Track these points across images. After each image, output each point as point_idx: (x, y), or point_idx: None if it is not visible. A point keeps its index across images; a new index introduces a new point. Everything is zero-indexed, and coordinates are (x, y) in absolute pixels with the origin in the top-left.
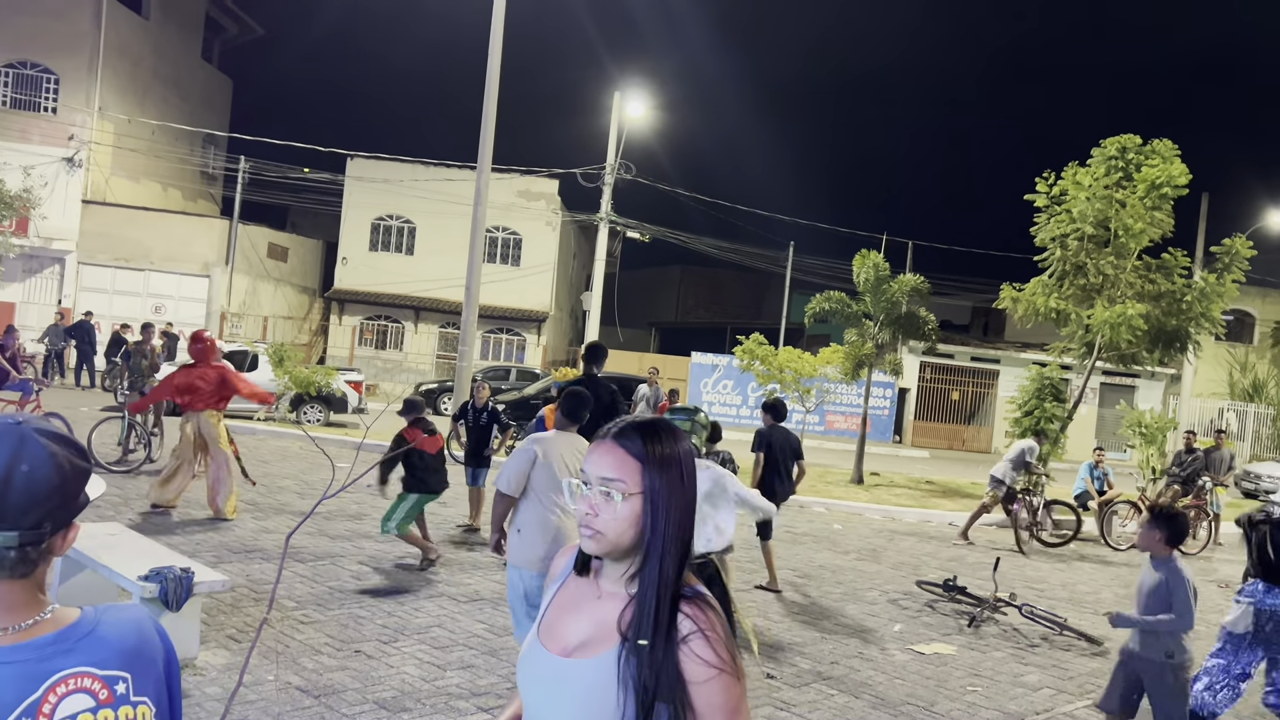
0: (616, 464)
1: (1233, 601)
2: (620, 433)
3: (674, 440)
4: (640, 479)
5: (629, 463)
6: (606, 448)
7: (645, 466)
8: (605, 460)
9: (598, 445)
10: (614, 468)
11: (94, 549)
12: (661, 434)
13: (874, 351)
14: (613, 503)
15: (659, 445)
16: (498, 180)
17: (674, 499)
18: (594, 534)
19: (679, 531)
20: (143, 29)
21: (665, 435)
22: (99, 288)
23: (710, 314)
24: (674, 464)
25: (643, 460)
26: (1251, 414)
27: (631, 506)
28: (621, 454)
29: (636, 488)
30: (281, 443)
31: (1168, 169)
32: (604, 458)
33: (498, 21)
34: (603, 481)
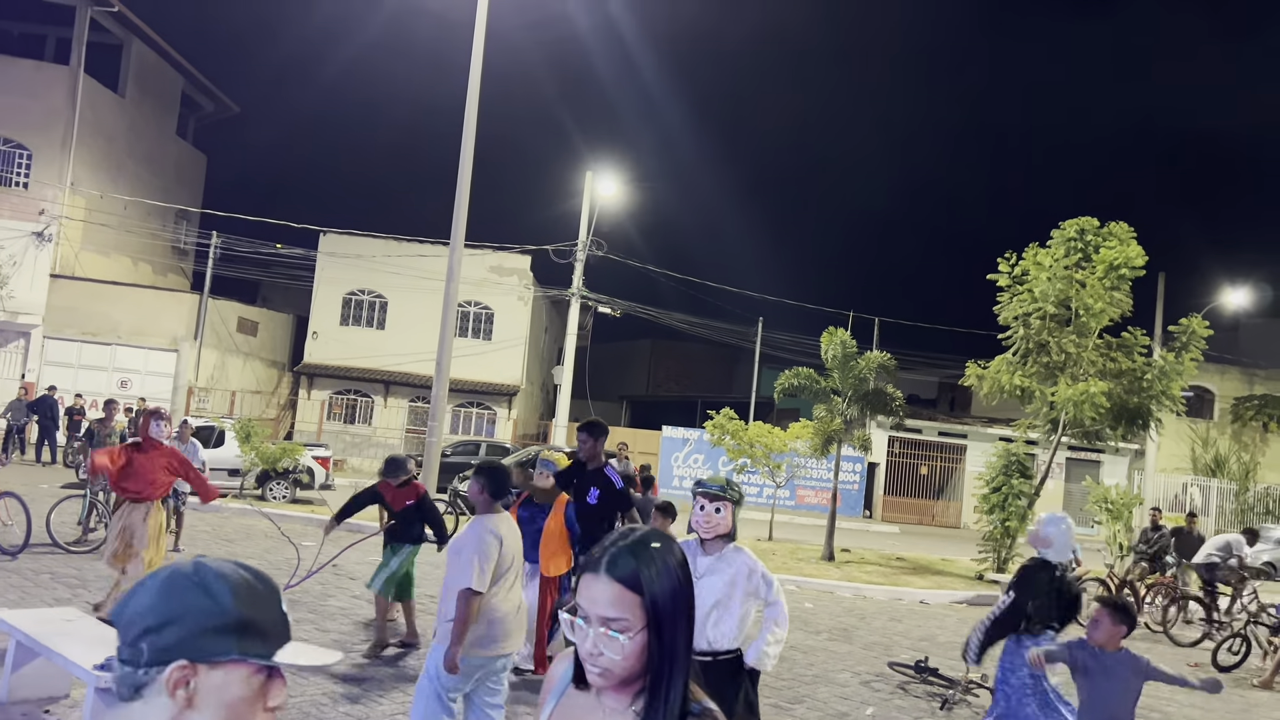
0: (615, 601)
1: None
2: (613, 563)
3: (668, 554)
4: (643, 613)
5: (628, 598)
6: (603, 585)
7: (646, 599)
8: (603, 598)
9: (591, 580)
10: (614, 606)
11: (48, 635)
12: (655, 554)
13: (843, 427)
14: (617, 642)
15: (656, 569)
16: (470, 256)
17: (680, 619)
18: (602, 671)
19: (686, 651)
20: (118, 106)
21: (660, 553)
22: (64, 362)
23: (681, 388)
24: (673, 583)
25: (642, 592)
26: (1215, 489)
27: (637, 642)
28: (619, 590)
29: (640, 622)
30: (246, 520)
31: (1125, 251)
32: (601, 595)
33: (472, 99)
34: (604, 622)
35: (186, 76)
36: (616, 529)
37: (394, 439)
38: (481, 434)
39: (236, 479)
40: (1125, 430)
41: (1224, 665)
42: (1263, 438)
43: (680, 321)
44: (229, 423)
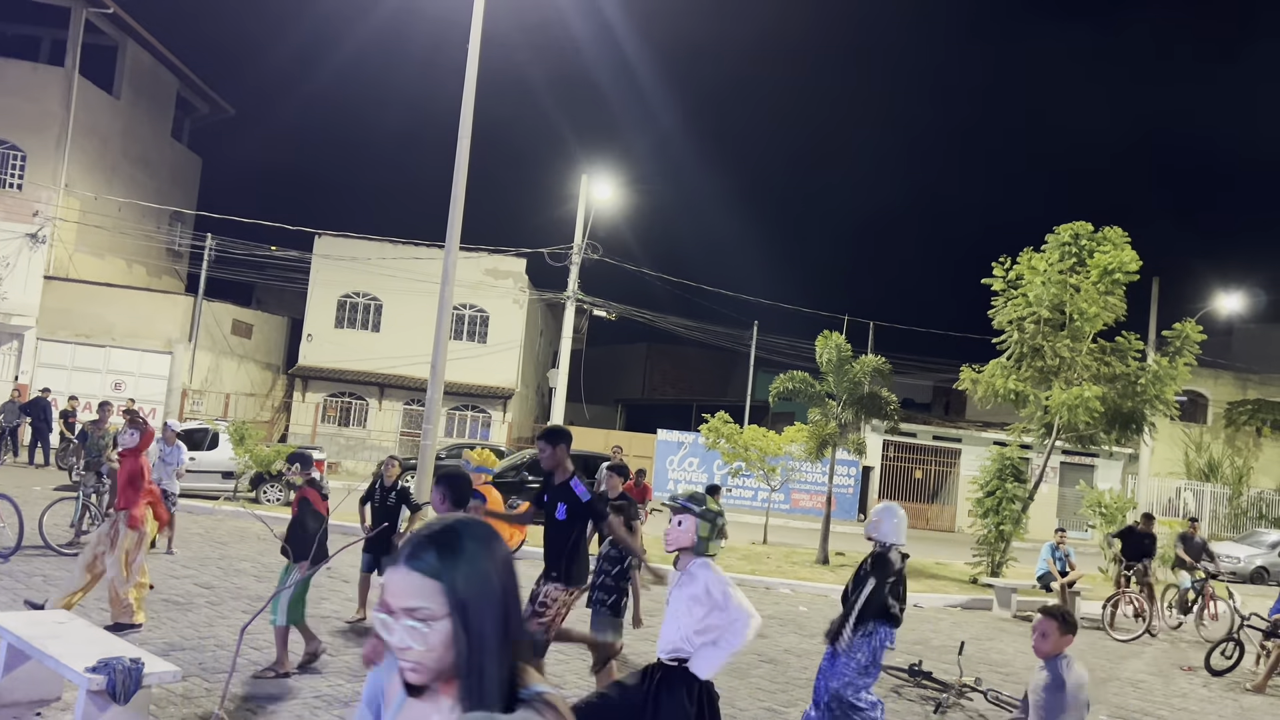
0: (415, 590)
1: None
2: (412, 554)
3: (474, 540)
4: (444, 599)
5: (428, 585)
6: (401, 575)
7: (446, 584)
8: (402, 589)
9: (392, 572)
10: (414, 595)
11: (40, 637)
12: (457, 539)
13: (837, 431)
14: (419, 632)
15: (456, 554)
16: (465, 259)
17: (487, 605)
18: (414, 666)
19: (500, 634)
20: (113, 108)
21: (463, 539)
22: (58, 364)
23: (676, 391)
24: (479, 567)
25: (441, 578)
26: (1208, 493)
27: (442, 631)
28: (418, 579)
29: (443, 610)
30: (240, 523)
31: (1119, 255)
32: (401, 585)
33: (468, 102)
34: (406, 613)
35: (181, 79)
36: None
37: (388, 442)
38: (476, 437)
39: (230, 481)
40: (1119, 434)
41: (1217, 669)
42: (1256, 442)
43: (676, 325)
44: (223, 425)
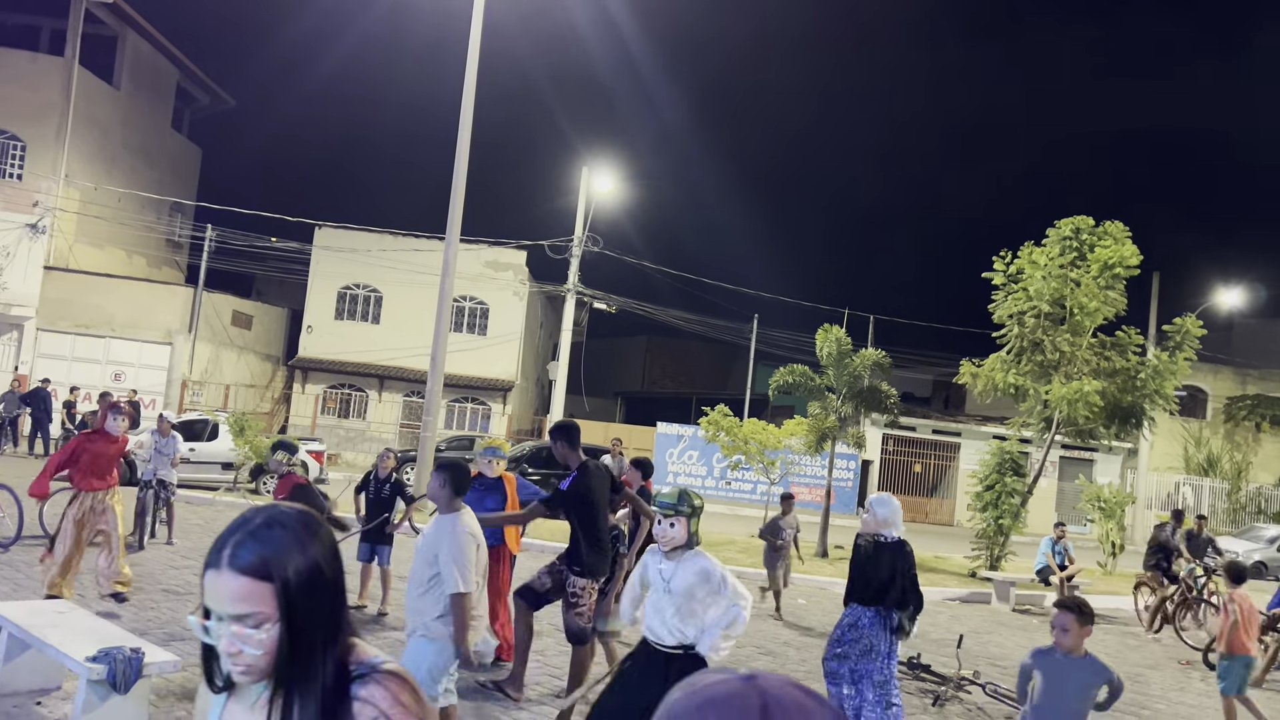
0: (243, 594)
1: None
2: (235, 554)
3: (300, 530)
4: (274, 600)
5: (256, 588)
6: (226, 578)
7: (276, 584)
8: (228, 592)
9: (214, 576)
10: (241, 599)
11: (40, 627)
12: (282, 532)
13: (837, 424)
14: (255, 637)
15: (283, 550)
16: (466, 251)
17: (320, 597)
18: (245, 669)
19: (331, 624)
20: (113, 98)
21: (288, 531)
22: (58, 354)
23: (676, 384)
24: (308, 558)
25: (271, 578)
26: (1207, 488)
27: (273, 632)
28: (245, 582)
29: (273, 611)
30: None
31: (1120, 250)
32: (226, 588)
33: (469, 94)
34: (235, 619)
35: (182, 69)
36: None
37: (388, 434)
38: (476, 429)
39: (230, 472)
40: (1118, 429)
41: (1215, 664)
42: (1255, 438)
43: (676, 318)
44: (223, 416)
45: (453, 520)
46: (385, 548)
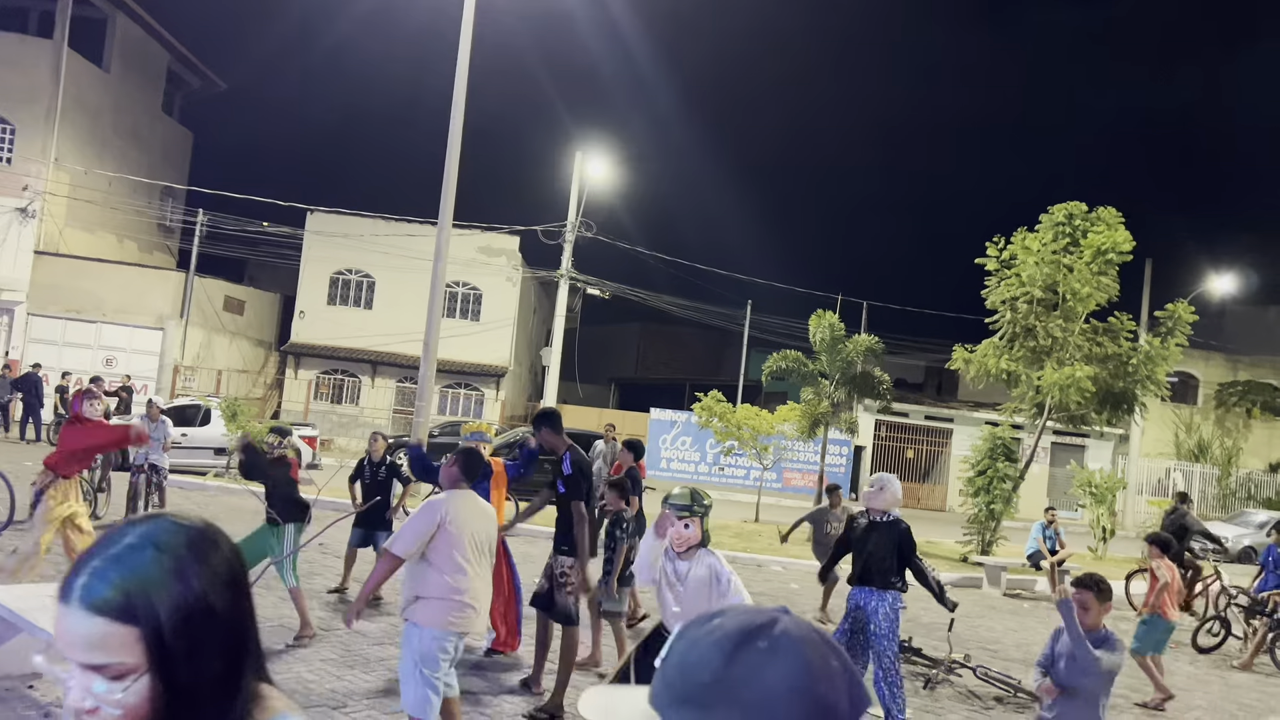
0: (96, 639)
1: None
2: (89, 586)
3: (181, 553)
4: (141, 646)
5: (114, 632)
6: (78, 618)
7: (143, 627)
8: (77, 635)
9: (66, 613)
10: (95, 646)
11: (32, 610)
12: (152, 558)
13: (830, 410)
14: (110, 694)
15: (154, 581)
16: (458, 236)
17: (207, 639)
18: None
19: (225, 676)
20: (102, 82)
21: (161, 554)
22: (49, 339)
23: (669, 370)
24: (188, 592)
25: (135, 619)
26: (1197, 474)
27: (139, 688)
28: (99, 623)
29: (140, 661)
30: (232, 499)
31: (1112, 235)
32: (75, 631)
33: (461, 78)
34: (90, 670)
35: (172, 52)
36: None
37: (381, 419)
38: (469, 415)
39: (222, 457)
40: (1110, 415)
41: (1203, 647)
42: (1245, 424)
43: (669, 304)
44: (215, 401)
45: (446, 495)
46: (382, 533)
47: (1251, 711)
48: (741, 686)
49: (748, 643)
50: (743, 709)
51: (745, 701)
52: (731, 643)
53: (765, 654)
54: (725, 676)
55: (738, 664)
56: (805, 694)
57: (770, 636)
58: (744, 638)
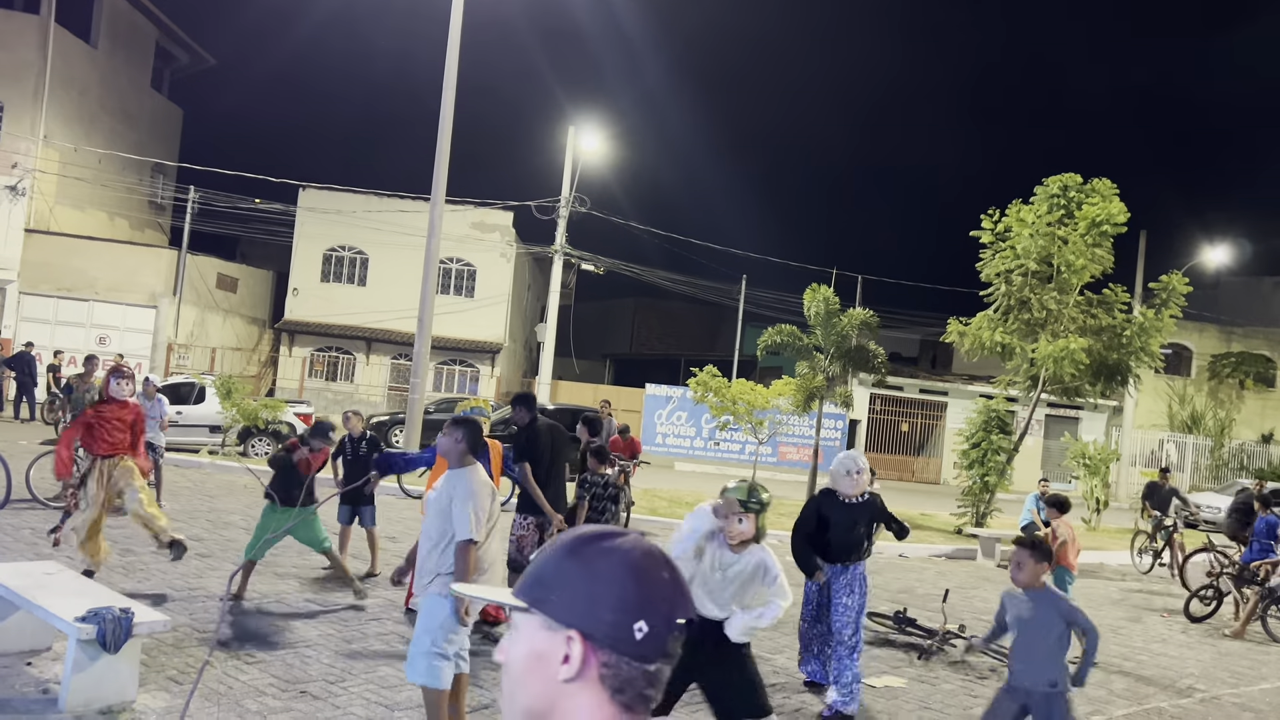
0: None
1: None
2: None
3: None
4: None
5: None
6: None
7: None
8: None
9: None
10: None
11: (28, 588)
12: None
13: (825, 384)
14: None
15: None
16: (452, 212)
17: None
18: None
19: None
20: (90, 58)
21: None
22: (41, 318)
23: (664, 346)
24: None
25: None
26: (1190, 445)
27: None
28: None
29: None
30: (228, 477)
31: (1107, 207)
32: None
33: (452, 53)
34: None
35: (160, 27)
36: None
37: (376, 396)
38: (465, 392)
39: (218, 435)
40: (1104, 386)
41: (1196, 616)
42: (1239, 395)
43: (664, 279)
44: (209, 379)
45: (464, 474)
46: (367, 508)
47: (1244, 679)
48: (574, 572)
49: (589, 544)
50: (571, 590)
51: (574, 584)
52: (577, 543)
53: (600, 552)
54: (565, 566)
55: (576, 557)
56: (625, 585)
57: (610, 542)
58: (587, 540)
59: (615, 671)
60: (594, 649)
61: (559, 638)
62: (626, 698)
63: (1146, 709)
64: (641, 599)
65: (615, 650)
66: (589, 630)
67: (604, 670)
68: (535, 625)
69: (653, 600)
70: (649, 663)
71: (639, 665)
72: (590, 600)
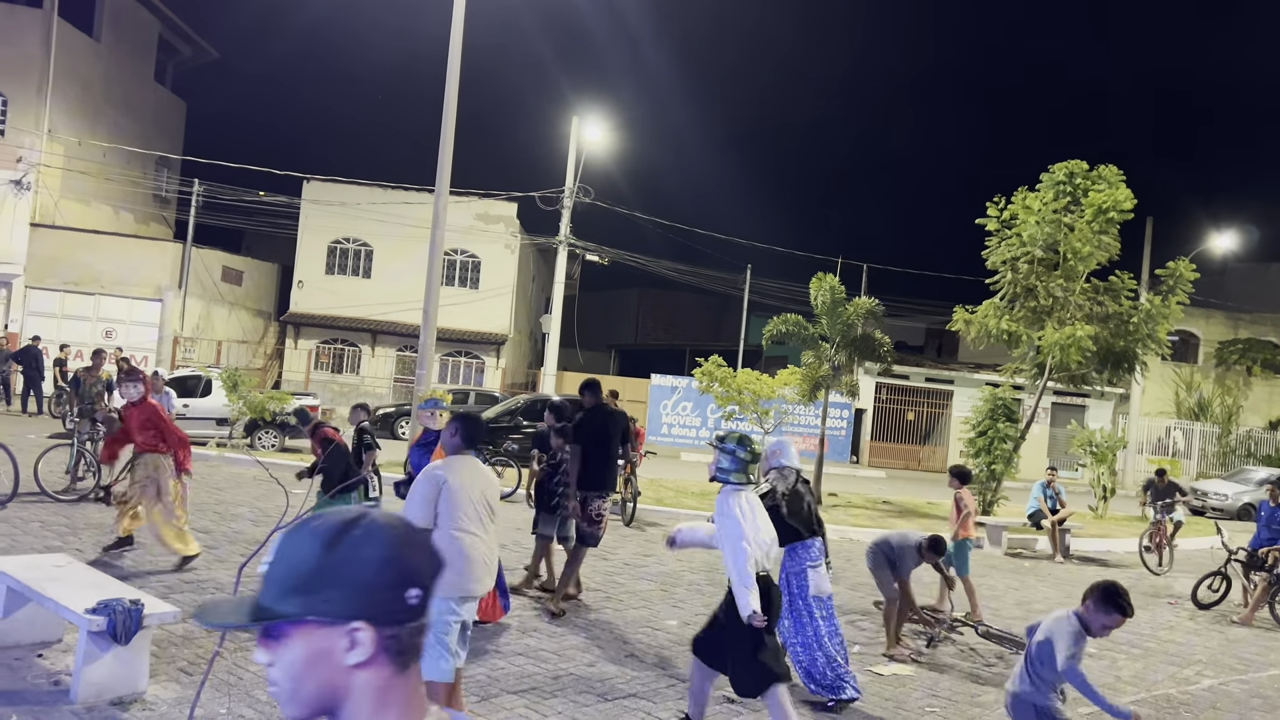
0: None
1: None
2: None
3: None
4: None
5: None
6: None
7: None
8: None
9: None
10: None
11: (39, 580)
12: None
13: (830, 373)
14: None
15: None
16: (456, 203)
17: None
18: None
19: None
20: (93, 51)
21: None
22: (47, 312)
23: (669, 336)
24: None
25: None
26: (1197, 432)
27: None
28: None
29: None
30: (235, 469)
31: (1113, 194)
32: None
33: (455, 44)
34: None
35: (163, 20)
36: None
37: (382, 388)
38: (470, 383)
39: (224, 428)
40: (1111, 374)
41: (1204, 603)
42: (1246, 381)
43: (668, 269)
44: (215, 372)
45: (452, 461)
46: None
47: (1252, 666)
48: (342, 567)
49: (344, 532)
50: (344, 585)
51: (346, 579)
52: (330, 534)
53: (360, 539)
54: (328, 562)
55: (337, 550)
56: (394, 562)
57: (362, 525)
58: (340, 529)
59: (398, 641)
60: (378, 628)
61: (339, 631)
62: (406, 657)
63: (1155, 696)
64: (412, 569)
65: (397, 623)
66: (372, 615)
67: (388, 643)
68: (307, 628)
69: (419, 565)
70: (422, 618)
71: (415, 626)
72: (368, 587)
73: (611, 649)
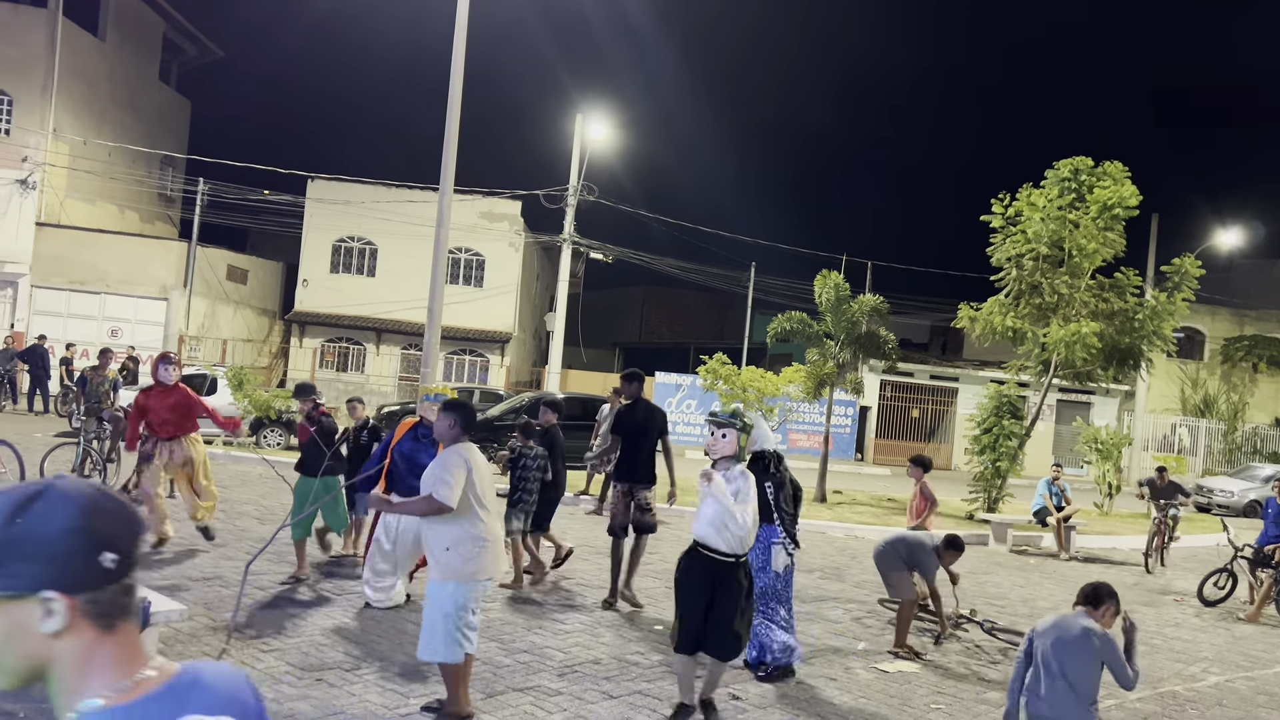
0: None
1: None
2: None
3: None
4: None
5: None
6: None
7: None
8: None
9: None
10: None
11: None
12: None
13: (835, 371)
14: None
15: None
16: (460, 202)
17: None
18: None
19: None
20: (98, 50)
21: None
22: (53, 311)
23: (673, 334)
24: None
25: None
26: (1203, 429)
27: None
28: None
29: None
30: (241, 467)
31: (1119, 190)
32: None
33: (459, 43)
34: None
35: (168, 19)
36: None
37: (387, 386)
38: (475, 381)
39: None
40: (1116, 371)
41: (1210, 600)
42: (1252, 378)
43: (673, 267)
44: (221, 371)
45: (456, 449)
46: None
47: (1258, 663)
48: (26, 540)
49: (25, 506)
50: (31, 557)
51: (32, 551)
52: (10, 508)
53: (43, 510)
54: (11, 536)
55: (19, 523)
56: (83, 531)
57: (45, 497)
58: (21, 501)
59: (97, 604)
60: (73, 595)
61: (30, 604)
62: (112, 619)
63: (1160, 693)
64: (104, 534)
65: (94, 588)
66: (65, 584)
67: (87, 608)
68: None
69: (113, 529)
70: (124, 579)
71: (117, 588)
72: (57, 557)
73: (616, 645)
